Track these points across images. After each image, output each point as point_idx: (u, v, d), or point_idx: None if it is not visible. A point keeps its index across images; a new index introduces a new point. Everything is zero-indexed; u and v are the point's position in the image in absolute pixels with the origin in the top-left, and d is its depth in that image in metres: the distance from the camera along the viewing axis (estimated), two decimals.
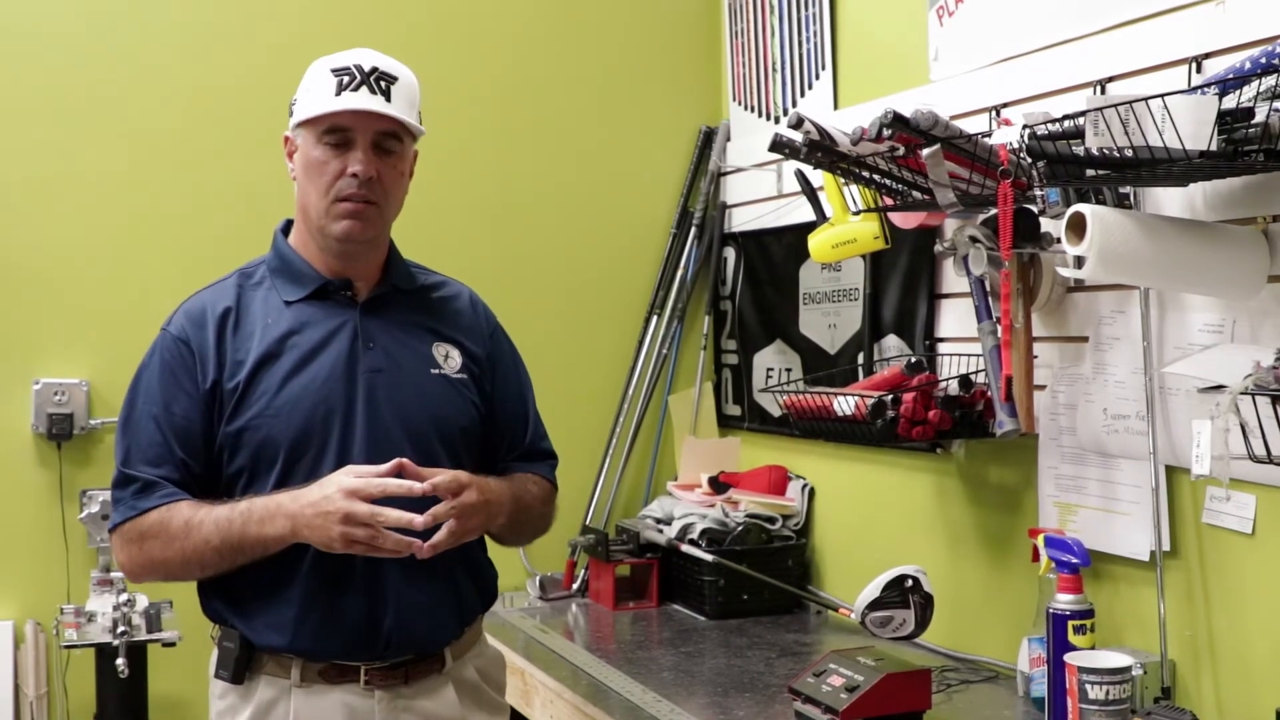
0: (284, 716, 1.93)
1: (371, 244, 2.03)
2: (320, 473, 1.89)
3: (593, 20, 3.63)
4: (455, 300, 2.17)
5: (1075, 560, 2.15)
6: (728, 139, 3.64)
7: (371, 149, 1.95)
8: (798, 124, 2.34)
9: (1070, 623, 2.12)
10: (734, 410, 3.61)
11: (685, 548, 3.10)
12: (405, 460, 1.88)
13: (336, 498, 1.82)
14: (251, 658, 1.95)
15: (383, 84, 1.95)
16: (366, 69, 1.95)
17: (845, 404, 2.59)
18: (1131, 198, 2.17)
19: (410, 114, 1.99)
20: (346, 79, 1.94)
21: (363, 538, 1.82)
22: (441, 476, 1.88)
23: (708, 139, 3.67)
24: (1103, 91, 2.25)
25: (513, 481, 2.09)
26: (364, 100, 1.93)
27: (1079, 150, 1.91)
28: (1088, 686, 1.98)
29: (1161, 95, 1.76)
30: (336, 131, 1.95)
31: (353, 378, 1.97)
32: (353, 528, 1.81)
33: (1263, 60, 1.82)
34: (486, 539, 2.13)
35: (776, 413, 3.28)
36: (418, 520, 1.82)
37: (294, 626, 1.92)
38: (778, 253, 3.38)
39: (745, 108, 3.58)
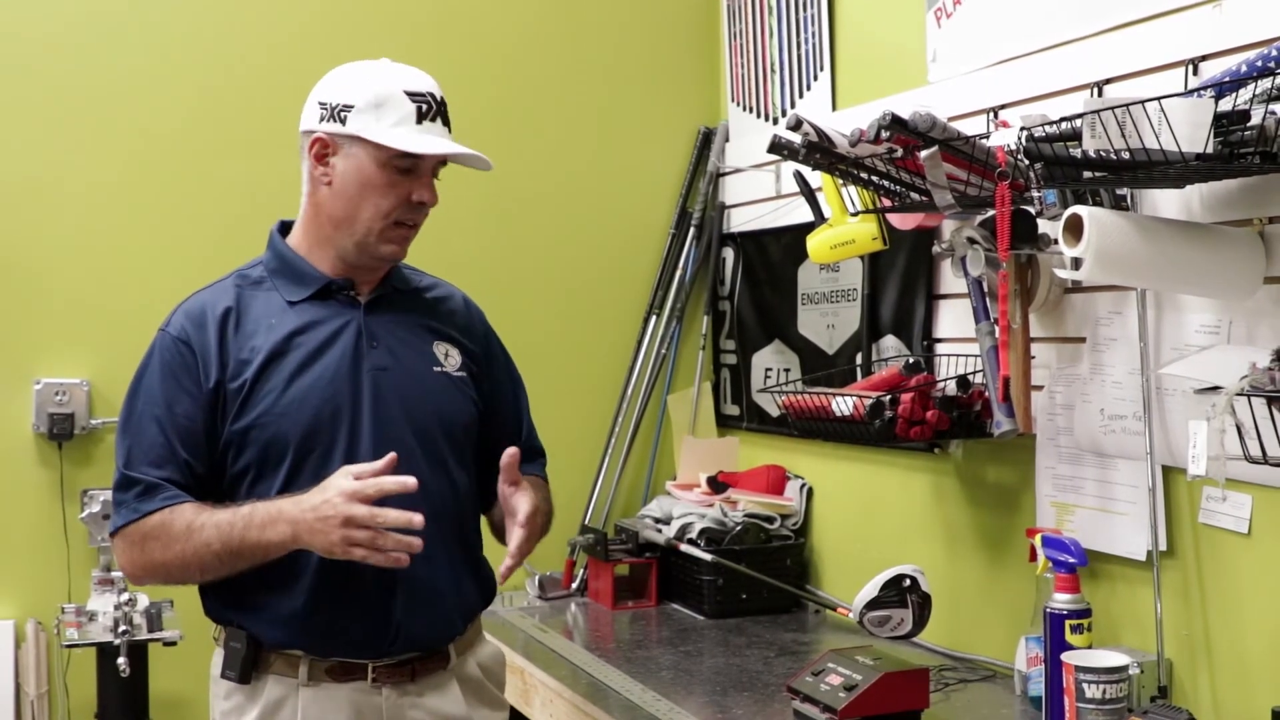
0: (292, 715, 1.94)
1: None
2: (328, 470, 1.89)
3: (591, 21, 3.63)
4: (449, 301, 2.19)
5: (1072, 560, 2.15)
6: (726, 139, 3.65)
7: (429, 175, 2.01)
8: (796, 125, 2.35)
9: (1067, 622, 2.13)
10: (732, 410, 3.62)
11: (684, 547, 3.11)
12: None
13: (337, 501, 1.81)
14: (258, 657, 1.95)
15: (446, 113, 2.01)
16: (439, 99, 2.00)
17: (844, 404, 2.60)
18: (1128, 199, 2.18)
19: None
20: (425, 107, 1.97)
21: (363, 540, 1.80)
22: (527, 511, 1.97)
23: (706, 139, 3.68)
24: (1100, 93, 2.26)
25: (536, 489, 2.10)
26: (444, 142, 1.98)
27: (1076, 152, 1.92)
28: (1085, 685, 1.99)
29: (1158, 98, 1.77)
30: (410, 157, 1.96)
31: (358, 375, 1.99)
32: (353, 530, 1.80)
33: (1259, 63, 1.82)
34: (484, 535, 2.15)
35: (775, 413, 3.28)
36: (417, 519, 1.82)
37: (301, 622, 1.93)
38: (776, 253, 3.39)
39: (744, 108, 3.58)
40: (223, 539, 1.86)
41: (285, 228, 2.10)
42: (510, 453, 1.98)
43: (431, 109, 1.97)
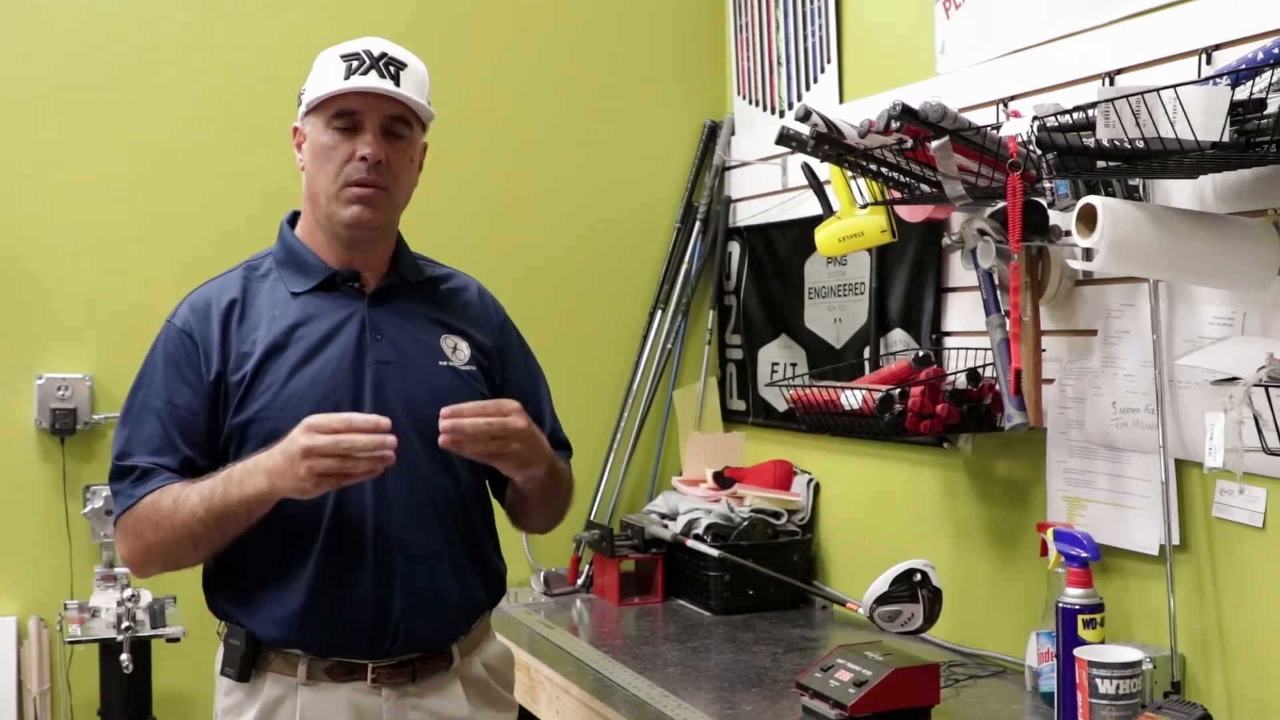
0: (290, 714, 1.92)
1: (380, 231, 2.01)
2: None
3: (597, 15, 3.62)
4: (464, 292, 2.16)
5: (1084, 554, 2.13)
6: (732, 133, 3.63)
7: (380, 133, 1.94)
8: (805, 116, 2.33)
9: (1080, 617, 2.10)
10: (738, 405, 3.60)
11: (690, 543, 3.09)
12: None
13: (297, 436, 1.78)
14: (258, 655, 1.94)
15: (392, 69, 1.94)
16: (376, 54, 1.94)
17: (853, 398, 2.58)
18: (1140, 190, 2.16)
19: (420, 99, 1.98)
20: (356, 63, 1.93)
21: (330, 468, 1.76)
22: (486, 403, 1.89)
23: (712, 133, 3.66)
24: (1112, 84, 2.24)
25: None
26: (373, 82, 1.92)
27: (1090, 142, 1.90)
28: (1098, 681, 1.97)
29: (1174, 85, 1.75)
30: (345, 115, 1.94)
31: (360, 370, 1.96)
32: (317, 460, 1.76)
33: (1275, 51, 1.80)
34: (498, 532, 2.12)
35: (781, 407, 3.27)
36: (384, 421, 1.78)
37: (299, 621, 1.91)
38: (782, 247, 3.37)
39: (750, 102, 3.57)
40: (206, 504, 1.84)
41: (296, 218, 2.08)
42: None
43: (364, 63, 1.93)
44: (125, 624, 2.76)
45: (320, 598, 1.91)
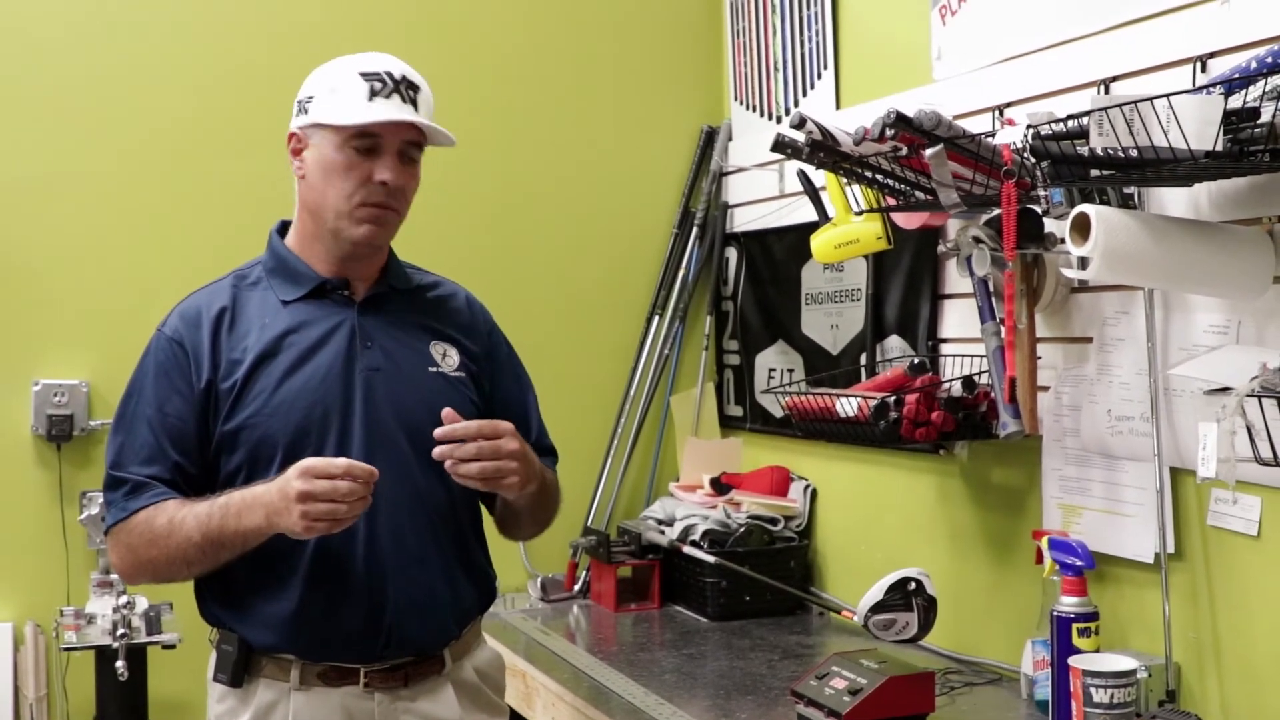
0: (283, 719, 1.92)
1: (381, 247, 2.04)
2: None
3: (594, 19, 3.62)
4: (452, 299, 2.17)
5: (1079, 562, 2.13)
6: (729, 138, 3.63)
7: (397, 156, 1.95)
8: (800, 124, 2.33)
9: (1074, 625, 2.11)
10: (736, 411, 3.60)
11: (687, 549, 3.09)
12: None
13: (293, 479, 1.78)
14: (250, 660, 1.94)
15: (411, 93, 1.96)
16: (397, 76, 1.95)
17: (848, 405, 2.58)
18: (1135, 198, 2.16)
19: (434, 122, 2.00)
20: (378, 85, 1.93)
21: (324, 514, 1.77)
22: (482, 423, 1.88)
23: (709, 138, 3.66)
24: (1106, 91, 2.24)
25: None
26: (398, 110, 1.93)
27: (1083, 150, 1.89)
28: (1092, 690, 1.97)
29: (1167, 95, 1.75)
30: (367, 137, 1.93)
31: (350, 376, 1.97)
32: (312, 505, 1.76)
33: (1268, 59, 1.80)
34: (487, 538, 2.13)
35: (778, 413, 3.26)
36: (377, 472, 1.80)
37: (291, 625, 1.92)
38: (780, 253, 3.37)
39: (747, 107, 3.56)
40: (202, 530, 1.85)
41: (285, 228, 2.08)
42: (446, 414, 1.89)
43: (386, 86, 1.93)
44: (121, 631, 2.76)
45: (312, 602, 1.92)
